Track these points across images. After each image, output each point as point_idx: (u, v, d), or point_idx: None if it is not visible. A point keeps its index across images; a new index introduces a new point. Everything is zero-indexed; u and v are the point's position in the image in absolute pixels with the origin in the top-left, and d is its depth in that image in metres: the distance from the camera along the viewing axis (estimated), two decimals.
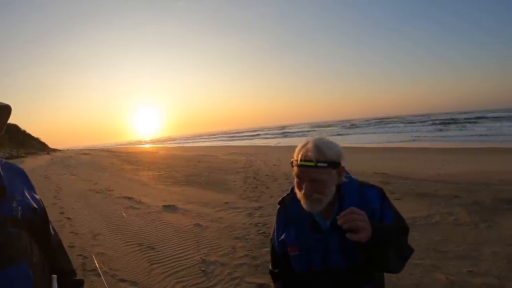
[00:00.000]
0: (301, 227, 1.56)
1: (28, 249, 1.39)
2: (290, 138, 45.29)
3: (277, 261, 1.75)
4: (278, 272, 1.76)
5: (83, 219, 7.12)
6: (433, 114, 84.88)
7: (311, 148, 1.41)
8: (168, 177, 13.01)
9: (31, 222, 1.43)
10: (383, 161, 13.57)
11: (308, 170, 1.41)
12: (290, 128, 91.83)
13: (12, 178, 1.42)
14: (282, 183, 10.02)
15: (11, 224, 1.31)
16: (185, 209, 7.58)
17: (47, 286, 1.49)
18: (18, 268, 1.30)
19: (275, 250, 1.74)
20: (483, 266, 4.10)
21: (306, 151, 1.42)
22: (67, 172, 16.79)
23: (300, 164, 1.43)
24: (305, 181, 1.42)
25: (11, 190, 1.36)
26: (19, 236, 1.34)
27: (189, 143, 62.94)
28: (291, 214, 1.61)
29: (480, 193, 7.31)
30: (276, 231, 1.71)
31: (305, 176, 1.42)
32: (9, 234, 1.29)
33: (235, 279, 4.16)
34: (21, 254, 1.33)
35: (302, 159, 1.42)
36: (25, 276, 1.31)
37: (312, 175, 1.40)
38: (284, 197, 1.68)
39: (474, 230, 5.31)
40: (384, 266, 1.40)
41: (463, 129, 33.34)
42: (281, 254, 1.69)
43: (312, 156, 1.39)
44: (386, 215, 1.47)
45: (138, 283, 4.16)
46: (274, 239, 1.74)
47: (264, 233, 5.67)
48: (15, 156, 28.98)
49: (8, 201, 1.33)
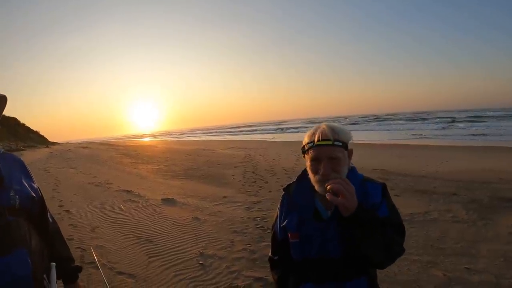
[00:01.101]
0: (303, 214, 1.57)
1: (27, 236, 1.41)
2: (288, 134, 45.18)
3: (278, 248, 1.76)
4: (277, 260, 1.77)
5: (82, 212, 7.12)
6: (433, 112, 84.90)
7: (327, 129, 1.47)
8: (167, 170, 13.02)
9: (29, 211, 1.46)
10: (383, 157, 13.61)
11: (326, 148, 1.45)
12: (287, 123, 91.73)
13: (10, 168, 1.44)
14: (280, 178, 10.04)
15: (9, 213, 1.33)
16: (184, 203, 7.59)
17: (46, 273, 1.51)
18: (17, 255, 1.32)
19: (277, 237, 1.75)
20: (480, 263, 4.12)
21: (322, 131, 1.47)
22: (66, 165, 16.78)
23: (317, 144, 1.46)
24: (322, 161, 1.45)
25: (9, 179, 1.39)
26: (17, 224, 1.36)
27: (188, 137, 62.95)
28: (295, 201, 1.63)
29: (479, 191, 7.33)
30: (278, 217, 1.73)
31: (323, 155, 1.45)
32: (7, 222, 1.32)
33: (233, 272, 4.17)
34: (20, 241, 1.36)
35: (320, 139, 1.46)
36: (24, 262, 1.34)
37: (330, 152, 1.44)
38: (290, 184, 1.71)
39: (472, 227, 5.33)
40: (364, 251, 1.40)
41: (464, 127, 33.37)
42: (281, 240, 1.70)
43: (329, 135, 1.44)
44: (382, 209, 1.50)
45: (136, 275, 4.17)
46: (276, 225, 1.75)
47: (262, 227, 5.68)
48: (14, 149, 28.95)
49: (6, 191, 1.36)
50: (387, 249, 1.41)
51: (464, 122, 39.62)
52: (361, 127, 45.51)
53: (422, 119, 49.66)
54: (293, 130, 50.42)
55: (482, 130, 28.51)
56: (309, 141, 1.50)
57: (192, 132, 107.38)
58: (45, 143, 45.19)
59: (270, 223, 5.79)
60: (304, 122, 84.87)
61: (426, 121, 45.66)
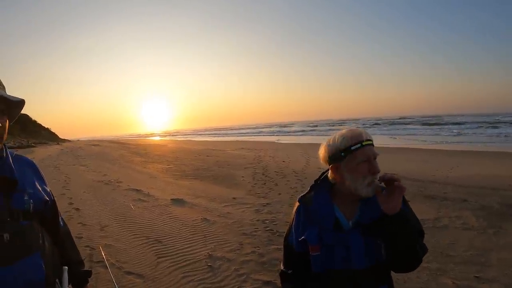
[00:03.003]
0: (323, 226, 1.54)
1: (40, 240, 1.43)
2: (311, 136, 44.72)
3: (293, 261, 1.70)
4: (291, 273, 1.71)
5: (92, 210, 7.19)
6: (444, 116, 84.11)
7: (361, 131, 1.50)
8: (177, 170, 13.08)
9: (42, 214, 1.47)
10: (392, 161, 13.49)
11: (372, 148, 1.48)
12: (295, 125, 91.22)
13: (23, 171, 1.46)
14: (290, 180, 10.02)
15: (23, 217, 1.35)
16: (193, 203, 7.62)
17: (58, 276, 1.53)
18: (30, 258, 1.34)
19: (293, 250, 1.68)
20: (490, 272, 4.08)
21: (362, 133, 1.49)
22: (77, 162, 16.93)
23: (366, 144, 1.47)
24: (371, 161, 1.46)
25: (22, 183, 1.40)
26: (31, 228, 1.38)
27: (197, 137, 63.00)
28: (313, 212, 1.58)
29: (489, 197, 7.25)
30: (295, 230, 1.66)
31: (371, 154, 1.47)
32: (21, 226, 1.33)
33: (242, 275, 4.18)
34: (33, 245, 1.37)
35: (366, 139, 1.48)
36: (37, 266, 1.35)
37: (374, 152, 1.48)
38: (305, 195, 1.65)
39: (482, 235, 5.28)
40: (409, 252, 1.41)
41: (475, 132, 33.03)
42: (299, 254, 1.63)
43: (368, 136, 1.49)
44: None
45: (145, 276, 4.20)
46: (292, 238, 1.67)
47: (271, 230, 5.68)
48: (25, 145, 29.19)
49: (20, 194, 1.37)
50: (421, 249, 1.44)
51: (475, 128, 39.27)
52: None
53: (431, 124, 49.19)
54: (301, 133, 50.26)
55: (493, 134, 28.24)
56: (354, 142, 1.47)
57: (202, 132, 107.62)
58: (56, 140, 45.64)
59: (279, 226, 5.81)
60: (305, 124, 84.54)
61: (437, 125, 45.30)
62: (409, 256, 1.42)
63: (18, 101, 1.39)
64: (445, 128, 40.09)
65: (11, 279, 1.25)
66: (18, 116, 1.51)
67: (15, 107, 1.42)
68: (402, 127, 46.81)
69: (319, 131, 47.83)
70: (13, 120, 1.47)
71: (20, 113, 1.52)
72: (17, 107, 1.43)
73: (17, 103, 1.40)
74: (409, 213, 1.46)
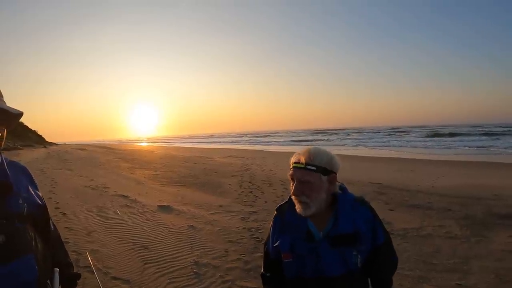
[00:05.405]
0: (295, 235, 1.63)
1: (33, 242, 1.47)
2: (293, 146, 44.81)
3: (270, 266, 1.80)
4: (269, 276, 1.81)
5: (78, 215, 7.14)
6: (428, 126, 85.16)
7: (304, 153, 1.59)
8: (164, 177, 13.05)
9: (35, 218, 1.52)
10: (379, 170, 13.64)
11: (297, 171, 1.58)
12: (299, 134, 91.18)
13: (17, 176, 1.52)
14: (277, 189, 10.07)
15: (18, 219, 1.40)
16: (180, 210, 7.62)
17: (50, 278, 1.57)
18: (24, 260, 1.38)
19: (269, 255, 1.80)
20: (472, 279, 4.17)
21: (298, 155, 1.60)
22: (63, 166, 16.78)
23: (293, 166, 1.60)
24: (295, 182, 1.58)
25: (17, 187, 1.46)
26: (25, 231, 1.43)
27: (186, 144, 62.67)
28: (287, 222, 1.68)
29: (473, 207, 7.38)
30: (271, 237, 1.78)
31: (295, 176, 1.58)
32: (16, 228, 1.38)
33: (227, 282, 4.20)
34: (27, 247, 1.42)
35: (295, 162, 1.60)
36: (30, 268, 1.40)
37: (300, 176, 1.56)
38: (282, 205, 1.76)
39: (465, 243, 5.38)
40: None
41: (460, 142, 33.45)
42: (274, 260, 1.75)
43: (302, 159, 1.57)
44: (378, 235, 1.62)
45: (131, 281, 4.20)
46: (269, 245, 1.80)
47: (257, 238, 5.72)
48: (11, 147, 28.76)
49: (14, 198, 1.42)
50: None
51: (461, 136, 39.79)
52: (355, 142, 45.58)
53: (416, 132, 49.64)
54: (289, 142, 50.31)
55: (479, 145, 28.61)
56: (292, 162, 1.62)
57: (190, 139, 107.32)
58: (42, 143, 45.13)
59: (265, 234, 5.80)
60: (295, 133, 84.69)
61: (419, 134, 45.78)
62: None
63: (17, 113, 1.45)
64: (436, 139, 40.39)
65: (4, 279, 1.29)
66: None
67: (13, 118, 1.47)
68: (394, 138, 46.99)
69: (308, 141, 48.19)
70: (10, 129, 1.51)
71: (17, 123, 1.57)
72: (16, 118, 1.48)
73: (16, 115, 1.46)
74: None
